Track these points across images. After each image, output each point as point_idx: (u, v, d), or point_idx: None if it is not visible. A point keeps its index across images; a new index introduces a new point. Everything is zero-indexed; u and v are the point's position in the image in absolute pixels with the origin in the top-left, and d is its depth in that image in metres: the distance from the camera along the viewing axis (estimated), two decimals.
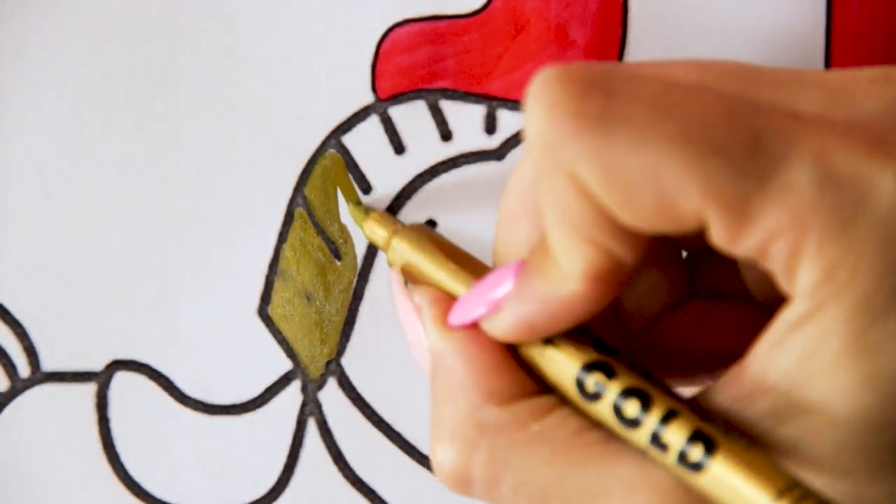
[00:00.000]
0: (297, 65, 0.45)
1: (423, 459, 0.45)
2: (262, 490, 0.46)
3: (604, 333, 0.35)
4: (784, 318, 0.31)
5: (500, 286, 0.35)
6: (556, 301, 0.33)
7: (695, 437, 0.31)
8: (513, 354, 0.35)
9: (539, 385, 0.35)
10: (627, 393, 0.33)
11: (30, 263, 0.45)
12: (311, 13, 0.45)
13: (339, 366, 0.45)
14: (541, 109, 0.31)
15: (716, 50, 0.45)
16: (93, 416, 0.46)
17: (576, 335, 0.34)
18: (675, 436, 0.32)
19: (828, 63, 0.45)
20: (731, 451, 0.31)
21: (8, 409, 0.45)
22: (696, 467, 0.31)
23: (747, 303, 0.37)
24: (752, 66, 0.33)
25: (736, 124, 0.31)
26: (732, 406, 0.32)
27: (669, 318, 0.37)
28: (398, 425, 0.45)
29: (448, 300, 0.37)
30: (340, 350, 0.45)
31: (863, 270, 0.30)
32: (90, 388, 0.46)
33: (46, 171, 0.45)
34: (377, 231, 0.42)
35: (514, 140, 0.45)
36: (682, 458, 0.32)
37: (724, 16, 0.45)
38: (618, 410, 0.33)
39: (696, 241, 0.33)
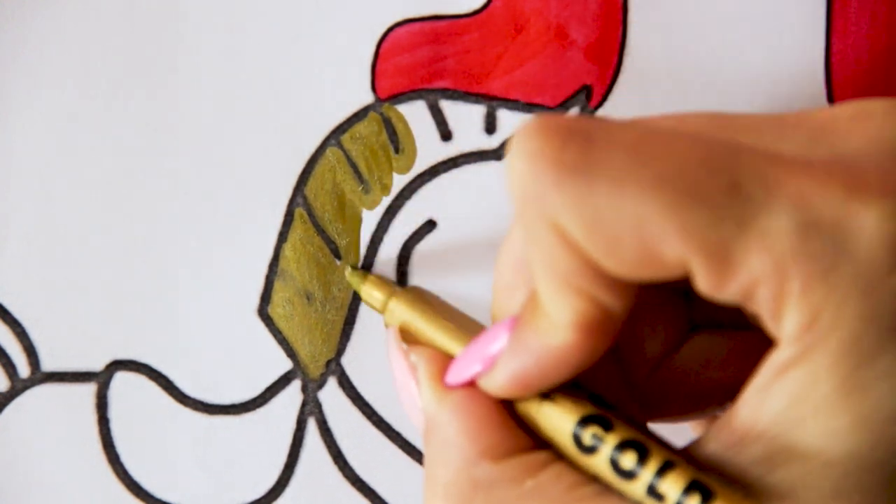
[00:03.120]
0: (297, 65, 0.45)
1: (422, 459, 0.45)
2: (262, 490, 0.46)
3: (608, 383, 0.36)
4: (772, 363, 0.31)
5: (495, 342, 0.35)
6: (549, 353, 0.33)
7: (692, 487, 0.31)
8: (509, 411, 0.35)
9: (534, 441, 0.35)
10: (624, 445, 0.33)
11: (30, 263, 0.45)
12: (311, 13, 0.45)
13: (340, 365, 0.45)
14: (522, 159, 0.31)
15: (715, 50, 0.45)
16: (93, 416, 0.46)
17: (572, 391, 0.34)
18: (672, 487, 0.32)
19: (828, 63, 0.45)
20: (728, 501, 0.31)
21: (8, 409, 0.45)
22: None
23: (750, 330, 0.37)
24: (732, 114, 0.33)
25: (714, 169, 0.30)
26: (724, 453, 0.32)
27: (674, 358, 0.37)
28: (398, 425, 0.45)
29: (444, 359, 0.37)
30: (340, 350, 0.45)
31: (847, 315, 0.30)
32: (90, 388, 0.46)
33: (46, 171, 0.45)
34: (374, 294, 0.42)
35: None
36: None
37: (723, 16, 0.45)
38: (614, 462, 0.33)
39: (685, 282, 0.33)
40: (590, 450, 0.33)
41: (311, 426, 0.45)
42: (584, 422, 0.34)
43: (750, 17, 0.45)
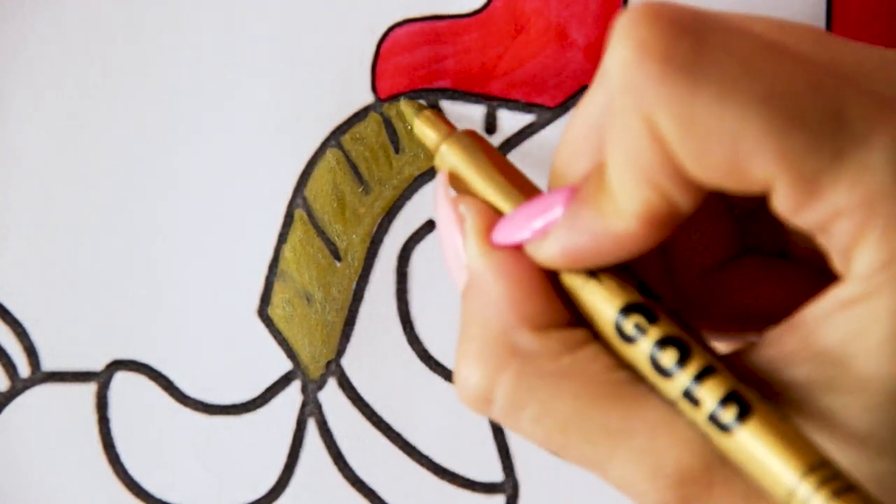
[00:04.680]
0: (297, 65, 0.45)
1: (422, 459, 0.45)
2: (262, 490, 0.46)
3: (654, 284, 0.35)
4: (835, 295, 0.31)
5: (549, 212, 0.34)
6: (607, 236, 0.33)
7: (729, 398, 0.31)
8: (552, 282, 0.34)
9: (574, 316, 0.34)
10: (666, 341, 0.32)
11: (30, 263, 0.45)
12: (311, 13, 0.45)
13: (339, 366, 0.45)
14: (627, 47, 0.31)
15: None
16: (93, 416, 0.46)
17: (621, 273, 0.34)
18: (710, 394, 0.31)
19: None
20: (765, 419, 0.31)
21: (8, 409, 0.46)
22: (725, 429, 0.31)
23: (797, 263, 0.37)
24: (835, 38, 0.33)
25: (820, 96, 0.30)
26: (770, 366, 0.32)
27: (720, 274, 0.37)
28: (398, 425, 0.45)
29: (494, 215, 0.36)
30: (340, 350, 0.45)
31: None
32: (90, 388, 0.46)
33: (46, 171, 0.45)
34: (427, 132, 0.41)
35: (515, 140, 0.45)
36: (713, 416, 0.31)
37: None
38: (653, 357, 0.32)
39: (751, 201, 0.32)
40: (630, 339, 0.33)
41: (311, 427, 0.46)
42: (628, 309, 0.33)
43: None
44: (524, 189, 0.37)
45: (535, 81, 0.45)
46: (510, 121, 0.45)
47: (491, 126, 0.45)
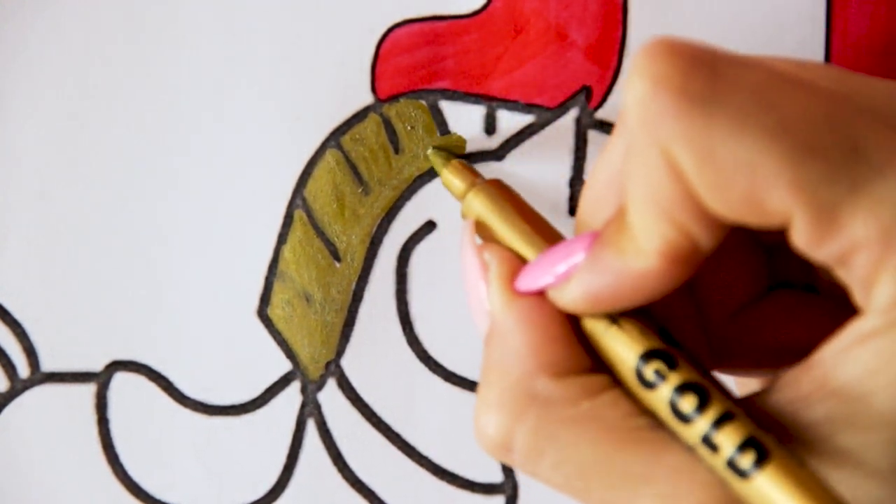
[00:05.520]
0: (297, 65, 0.45)
1: (422, 460, 0.45)
2: (261, 490, 0.46)
3: (685, 325, 0.35)
4: (854, 329, 0.31)
5: (571, 256, 0.34)
6: (628, 276, 0.33)
7: (747, 444, 0.31)
8: (573, 328, 0.35)
9: (594, 363, 0.34)
10: (686, 387, 0.32)
11: (30, 263, 0.45)
12: (311, 13, 0.45)
13: (339, 367, 0.45)
14: (644, 81, 0.31)
15: None
16: (93, 417, 0.46)
17: (642, 319, 0.34)
18: (728, 440, 0.31)
19: (828, 63, 0.45)
20: (782, 464, 0.31)
21: (8, 410, 0.46)
22: (743, 475, 0.31)
23: (821, 295, 0.37)
24: (849, 72, 0.33)
25: (836, 127, 0.30)
26: (789, 407, 0.32)
27: (751, 310, 0.37)
28: (397, 426, 0.45)
29: (518, 262, 0.36)
30: (340, 351, 0.45)
31: None
32: (90, 389, 0.46)
33: (46, 171, 0.45)
34: (454, 182, 0.41)
35: (514, 140, 0.45)
36: (732, 462, 0.31)
37: (724, 16, 0.45)
38: (673, 403, 0.32)
39: (775, 235, 0.32)
40: (650, 385, 0.33)
41: (311, 427, 0.46)
42: (649, 355, 0.33)
43: (750, 18, 0.45)
44: (548, 236, 0.37)
45: (535, 82, 0.45)
46: (510, 121, 0.45)
47: (490, 126, 0.45)
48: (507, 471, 0.46)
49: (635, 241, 0.32)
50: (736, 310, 0.37)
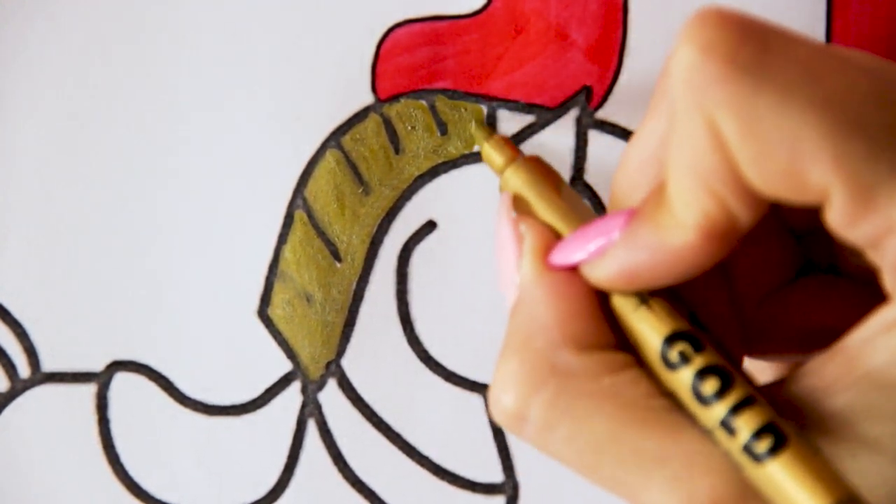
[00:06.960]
0: (297, 65, 0.45)
1: (422, 460, 0.45)
2: (261, 491, 0.46)
3: (717, 309, 0.35)
4: (881, 317, 0.31)
5: (608, 233, 0.34)
6: (665, 251, 0.33)
7: (765, 429, 0.31)
8: (601, 306, 0.35)
9: (619, 341, 0.34)
10: (709, 370, 0.32)
11: (30, 263, 0.45)
12: (311, 13, 0.45)
13: (339, 367, 0.45)
14: (693, 48, 0.31)
15: None
16: (93, 417, 0.46)
17: (671, 300, 0.34)
18: (746, 425, 0.31)
19: None
20: (797, 452, 0.31)
21: (8, 410, 0.46)
22: (758, 460, 0.31)
23: (855, 282, 0.37)
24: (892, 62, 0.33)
25: (882, 107, 0.30)
26: (812, 395, 0.32)
27: (784, 294, 0.37)
28: (398, 426, 0.45)
29: (552, 237, 0.36)
30: (340, 351, 0.45)
31: None
32: (90, 389, 0.46)
33: (46, 171, 0.45)
34: (494, 156, 0.41)
35: (514, 140, 0.45)
36: (748, 447, 0.31)
37: None
38: (695, 385, 0.33)
39: (806, 221, 0.32)
40: (673, 366, 0.33)
41: (311, 427, 0.46)
42: (675, 337, 0.33)
43: None
44: (584, 216, 0.37)
45: (535, 82, 0.45)
46: (510, 121, 0.45)
47: (491, 126, 0.45)
48: (508, 471, 0.46)
49: (674, 216, 0.32)
50: (765, 295, 0.37)
